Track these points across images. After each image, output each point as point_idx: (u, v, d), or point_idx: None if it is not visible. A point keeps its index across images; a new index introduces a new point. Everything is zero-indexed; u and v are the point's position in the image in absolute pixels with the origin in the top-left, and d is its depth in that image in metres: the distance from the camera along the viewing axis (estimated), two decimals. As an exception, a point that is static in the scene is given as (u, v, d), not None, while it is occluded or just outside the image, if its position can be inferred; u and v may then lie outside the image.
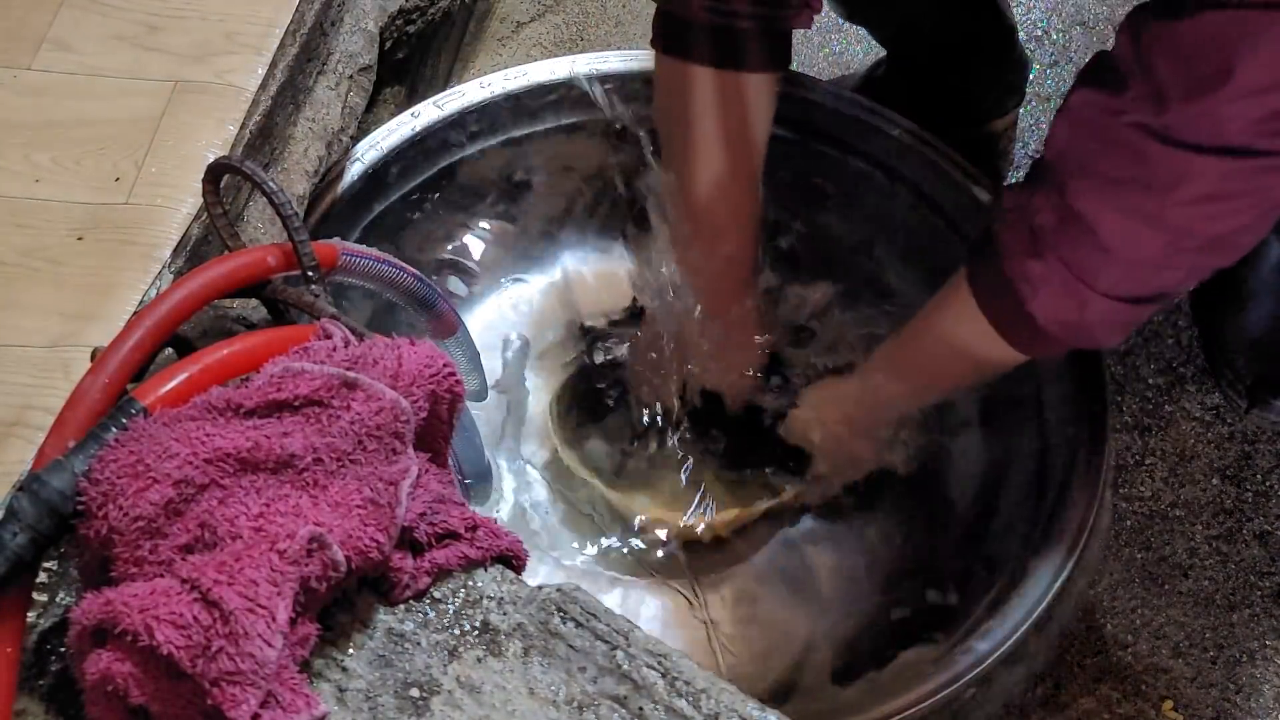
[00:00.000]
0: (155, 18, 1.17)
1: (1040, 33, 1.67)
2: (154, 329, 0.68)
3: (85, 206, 1.03)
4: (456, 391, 0.71)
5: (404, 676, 0.66)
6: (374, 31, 1.27)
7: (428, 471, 0.71)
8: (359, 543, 0.64)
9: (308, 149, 1.13)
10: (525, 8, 1.74)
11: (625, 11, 1.74)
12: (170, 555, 0.60)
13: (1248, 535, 1.26)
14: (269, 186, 0.76)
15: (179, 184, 1.04)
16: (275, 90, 1.12)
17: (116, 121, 1.09)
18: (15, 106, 1.10)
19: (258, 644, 0.58)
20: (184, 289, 0.71)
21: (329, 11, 1.22)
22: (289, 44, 1.16)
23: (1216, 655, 1.19)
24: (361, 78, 1.23)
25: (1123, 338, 0.98)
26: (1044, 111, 1.58)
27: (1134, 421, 1.32)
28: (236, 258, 0.75)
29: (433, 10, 1.40)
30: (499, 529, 0.72)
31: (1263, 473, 1.29)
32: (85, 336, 0.94)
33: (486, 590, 0.70)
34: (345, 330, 0.72)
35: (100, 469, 0.60)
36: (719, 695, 0.66)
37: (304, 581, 0.61)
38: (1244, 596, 1.22)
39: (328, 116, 1.17)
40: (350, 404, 0.66)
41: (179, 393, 0.65)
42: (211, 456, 0.62)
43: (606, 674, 0.67)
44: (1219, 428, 1.32)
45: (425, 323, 0.99)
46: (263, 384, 0.66)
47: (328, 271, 0.81)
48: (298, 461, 0.64)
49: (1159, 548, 1.25)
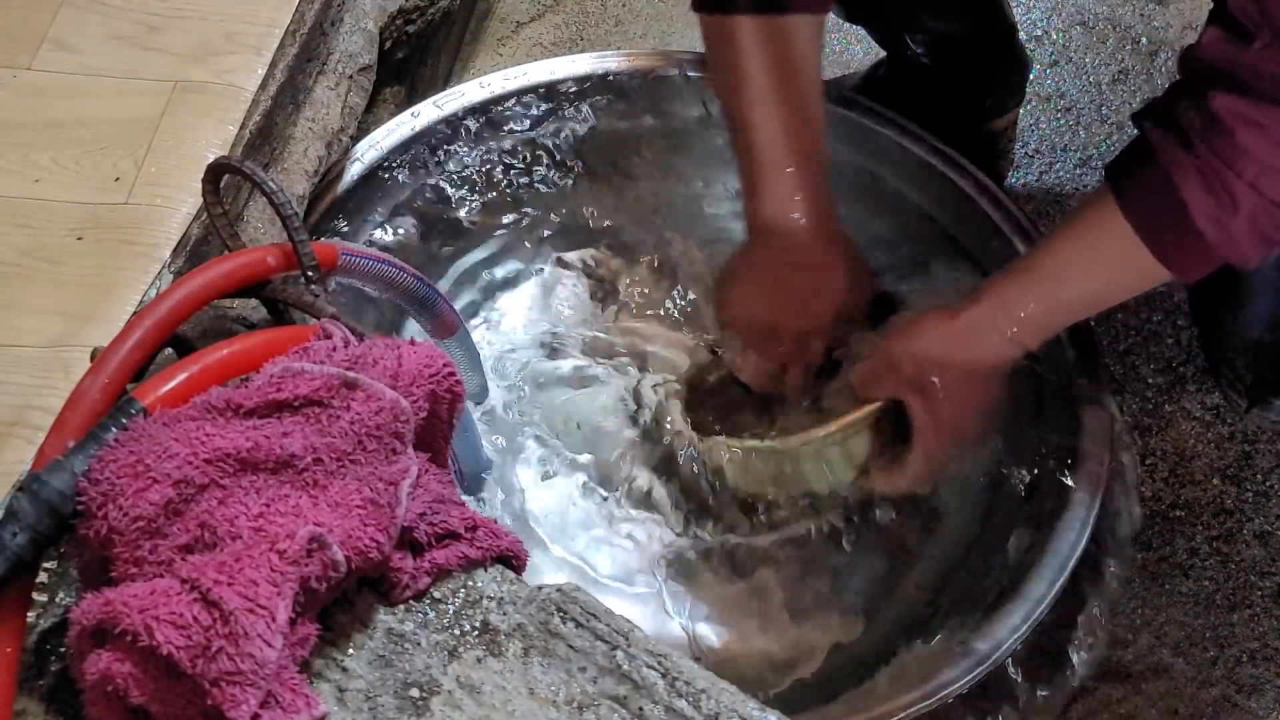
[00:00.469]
0: (155, 18, 1.17)
1: (1040, 33, 1.67)
2: (154, 329, 0.68)
3: (85, 206, 1.03)
4: (456, 391, 0.71)
5: (404, 676, 0.66)
6: (374, 31, 1.27)
7: (428, 471, 0.71)
8: (359, 543, 0.64)
9: (308, 149, 1.13)
10: (525, 8, 1.74)
11: (625, 11, 1.74)
12: (170, 555, 0.60)
13: (1248, 535, 1.26)
14: (269, 186, 0.76)
15: (179, 184, 1.04)
16: (275, 90, 1.12)
17: (116, 121, 1.09)
18: (15, 106, 1.10)
19: (258, 644, 0.58)
20: (184, 289, 0.71)
21: (329, 11, 1.22)
22: (289, 44, 1.16)
23: (1217, 655, 1.19)
24: (361, 78, 1.23)
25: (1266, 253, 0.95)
26: (1044, 111, 1.58)
27: (1134, 421, 1.32)
28: (236, 258, 0.75)
29: (433, 10, 1.40)
30: (499, 529, 0.72)
31: (1263, 473, 1.29)
32: (85, 336, 0.94)
33: (486, 590, 0.70)
34: (345, 330, 0.72)
35: (100, 469, 0.60)
36: (719, 695, 0.66)
37: (304, 581, 0.61)
38: (1244, 596, 1.22)
39: (328, 116, 1.17)
40: (350, 404, 0.66)
41: (179, 393, 0.66)
42: (211, 456, 0.62)
43: (606, 674, 0.67)
44: (1219, 428, 1.32)
45: (425, 323, 0.99)
46: (263, 384, 0.66)
47: (328, 271, 0.81)
48: (298, 461, 0.64)
49: (1159, 548, 1.25)
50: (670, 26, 1.71)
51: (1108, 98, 1.59)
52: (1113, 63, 1.63)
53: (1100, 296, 1.01)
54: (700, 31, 1.09)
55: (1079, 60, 1.64)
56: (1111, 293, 1.01)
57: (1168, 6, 1.68)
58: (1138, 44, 1.65)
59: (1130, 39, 1.65)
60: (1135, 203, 0.92)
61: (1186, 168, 0.88)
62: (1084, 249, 0.97)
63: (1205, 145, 0.87)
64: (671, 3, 1.74)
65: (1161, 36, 1.65)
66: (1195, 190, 0.88)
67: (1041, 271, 0.99)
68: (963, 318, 1.00)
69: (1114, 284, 0.99)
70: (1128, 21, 1.67)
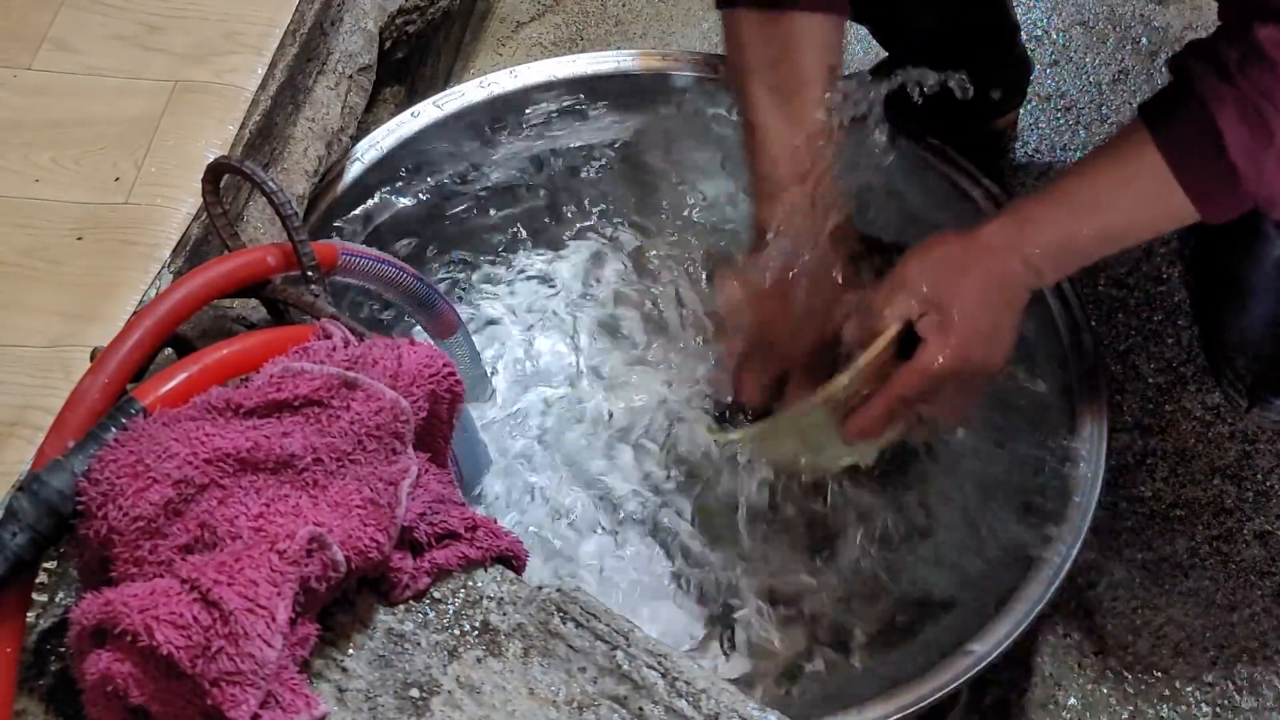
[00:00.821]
0: (155, 18, 1.17)
1: (1040, 33, 1.66)
2: (154, 329, 0.68)
3: (85, 206, 1.03)
4: (456, 391, 0.71)
5: (404, 676, 0.66)
6: (374, 31, 1.27)
7: (428, 471, 0.71)
8: (359, 543, 0.64)
9: (308, 149, 1.13)
10: (525, 8, 1.74)
11: (625, 11, 1.74)
12: (170, 555, 0.60)
13: (1248, 535, 1.26)
14: (269, 186, 0.76)
15: (179, 184, 1.04)
16: (275, 90, 1.12)
17: (116, 121, 1.09)
18: (15, 106, 1.10)
19: (258, 644, 0.58)
20: (184, 289, 0.71)
21: (329, 11, 1.22)
22: (289, 44, 1.16)
23: (1217, 655, 1.19)
24: (361, 77, 1.23)
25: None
26: (1044, 111, 1.58)
27: (1134, 421, 1.32)
28: (236, 258, 0.75)
29: (433, 10, 1.40)
30: (499, 529, 0.72)
31: (1263, 473, 1.29)
32: (85, 336, 0.94)
33: (486, 590, 0.70)
34: (345, 330, 0.72)
35: (100, 469, 0.60)
36: (719, 695, 0.66)
37: (304, 581, 0.61)
38: (1244, 596, 1.22)
39: (328, 116, 1.16)
40: (350, 404, 0.66)
41: (179, 393, 0.66)
42: (211, 456, 0.62)
43: (606, 674, 0.67)
44: (1219, 428, 1.32)
45: (425, 323, 0.99)
46: (262, 384, 0.66)
47: (327, 271, 0.81)
48: (297, 461, 0.64)
49: (1159, 548, 1.25)
50: (670, 26, 1.72)
51: (1108, 98, 1.59)
52: (1113, 63, 1.63)
53: (1123, 231, 0.97)
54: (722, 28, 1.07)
55: (1079, 60, 1.64)
56: (1135, 228, 0.98)
57: (1168, 6, 1.68)
58: (1138, 44, 1.65)
59: (1130, 39, 1.65)
60: (1169, 133, 0.90)
61: (1225, 97, 0.87)
62: (1113, 179, 0.94)
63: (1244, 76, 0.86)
64: (671, 2, 1.74)
65: (1161, 36, 1.65)
66: (1231, 121, 0.87)
67: (1067, 197, 0.96)
68: (983, 232, 0.97)
69: (1139, 219, 0.96)
70: (1128, 21, 1.67)
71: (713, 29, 1.69)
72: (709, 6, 1.72)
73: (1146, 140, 0.91)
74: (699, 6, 1.73)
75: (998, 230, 0.96)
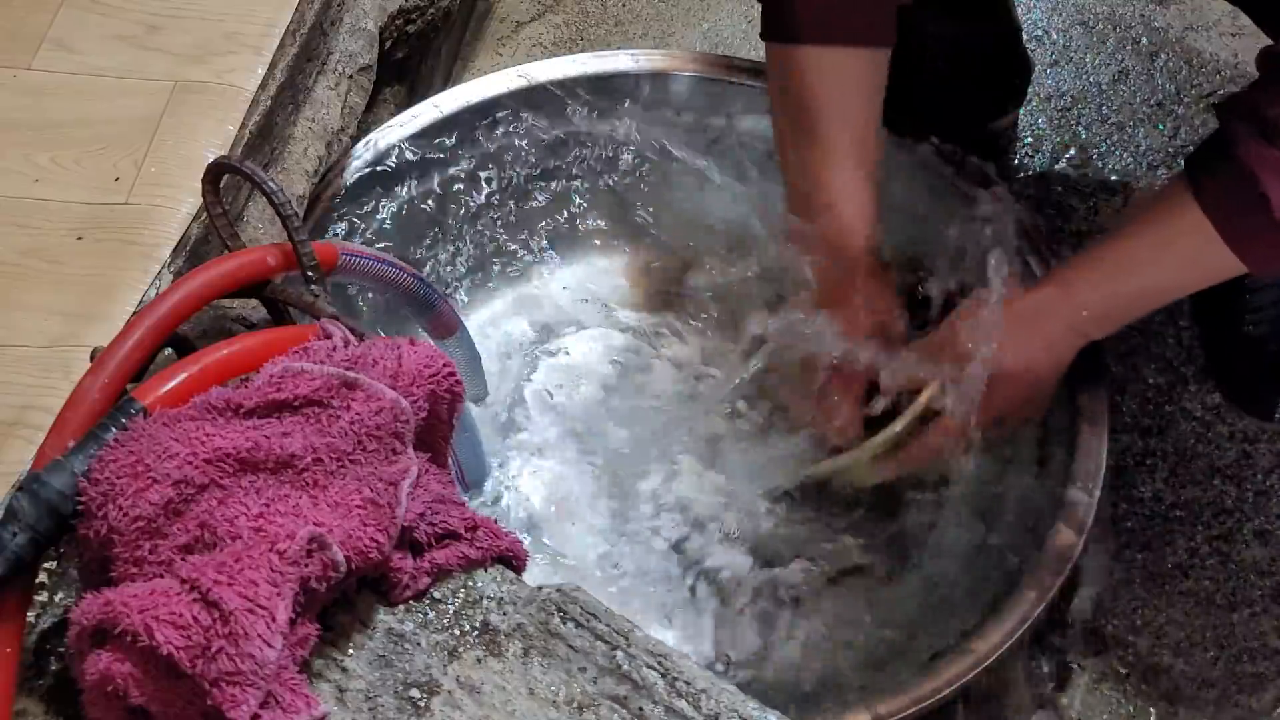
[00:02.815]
0: (155, 18, 1.17)
1: (1040, 33, 1.66)
2: (154, 329, 0.68)
3: (85, 206, 1.03)
4: (456, 391, 0.71)
5: (404, 676, 0.66)
6: (374, 31, 1.27)
7: (428, 471, 0.71)
8: (359, 543, 0.64)
9: (307, 149, 1.13)
10: (525, 8, 1.74)
11: (625, 11, 1.74)
12: (170, 555, 0.60)
13: (1248, 535, 1.26)
14: (269, 186, 0.76)
15: (179, 184, 1.04)
16: (275, 90, 1.12)
17: (116, 121, 1.09)
18: (15, 106, 1.10)
19: (257, 644, 0.58)
20: (184, 289, 0.71)
21: (329, 11, 1.22)
22: (289, 44, 1.16)
23: (1217, 655, 1.19)
24: (361, 77, 1.23)
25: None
26: (1044, 112, 1.57)
27: (1134, 421, 1.32)
28: (236, 258, 0.75)
29: (433, 10, 1.40)
30: (499, 529, 0.72)
31: (1263, 473, 1.29)
32: (85, 336, 0.94)
33: (486, 590, 0.70)
34: (345, 330, 0.72)
35: (100, 469, 0.60)
36: (719, 695, 0.66)
37: (304, 582, 0.61)
38: (1244, 596, 1.22)
39: (327, 116, 1.17)
40: (350, 404, 0.66)
41: (179, 393, 0.66)
42: (211, 457, 0.62)
43: (606, 674, 0.67)
44: (1219, 428, 1.32)
45: (425, 323, 0.99)
46: (262, 384, 0.66)
47: (327, 271, 0.81)
48: (297, 462, 0.64)
49: (1159, 548, 1.25)
50: (670, 27, 1.71)
51: (1108, 98, 1.59)
52: (1113, 63, 1.63)
53: (1170, 289, 1.01)
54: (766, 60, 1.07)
55: (1079, 60, 1.64)
56: (1182, 285, 1.01)
57: (1168, 6, 1.68)
58: (1138, 44, 1.65)
59: (1130, 39, 1.65)
60: (1213, 195, 0.91)
61: (1269, 160, 0.87)
62: (1156, 240, 0.96)
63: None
64: (671, 3, 1.74)
65: (1161, 36, 1.65)
66: (1276, 183, 0.87)
67: (1111, 261, 0.99)
68: (1029, 299, 1.01)
69: (1185, 277, 0.99)
70: (1128, 22, 1.67)
71: (713, 29, 1.69)
72: (709, 6, 1.72)
73: (1190, 200, 0.92)
74: (699, 6, 1.73)
75: (1042, 299, 1.02)
